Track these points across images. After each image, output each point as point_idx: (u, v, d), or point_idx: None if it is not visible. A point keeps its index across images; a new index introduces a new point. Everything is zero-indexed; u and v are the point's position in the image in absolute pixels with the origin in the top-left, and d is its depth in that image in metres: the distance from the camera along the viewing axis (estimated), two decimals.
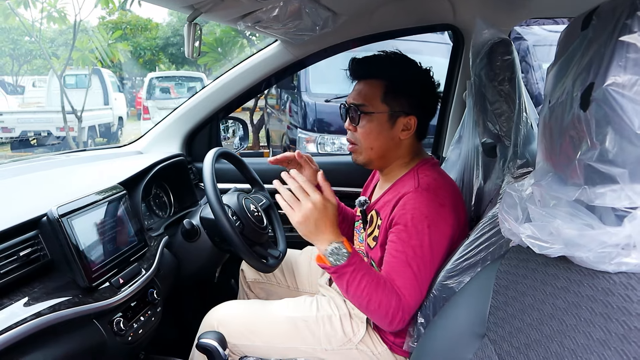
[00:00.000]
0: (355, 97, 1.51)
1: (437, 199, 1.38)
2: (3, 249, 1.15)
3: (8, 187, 1.57)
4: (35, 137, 12.01)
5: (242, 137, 2.53)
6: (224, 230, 1.54)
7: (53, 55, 15.24)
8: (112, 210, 1.44)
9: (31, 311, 1.09)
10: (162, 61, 22.38)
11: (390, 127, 1.48)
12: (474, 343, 0.92)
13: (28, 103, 15.87)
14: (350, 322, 1.53)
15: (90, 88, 11.91)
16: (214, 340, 1.38)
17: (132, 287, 1.37)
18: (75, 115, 10.84)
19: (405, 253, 1.36)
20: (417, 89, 1.49)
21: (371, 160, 1.54)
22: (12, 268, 1.15)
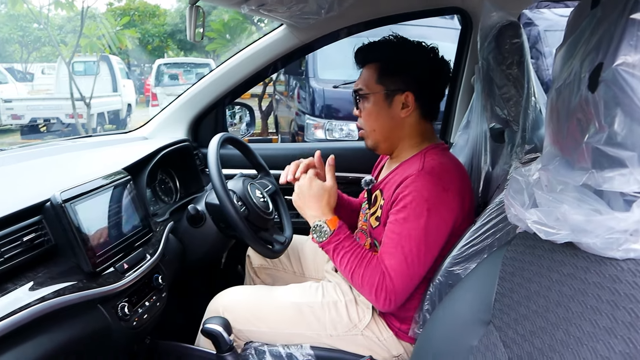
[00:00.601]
0: (357, 83, 1.57)
1: (440, 183, 1.37)
2: (7, 234, 1.15)
3: (13, 173, 1.57)
4: (45, 124, 12.10)
5: (248, 123, 2.52)
6: (228, 215, 1.54)
7: (61, 42, 15.26)
8: (117, 195, 1.44)
9: (35, 296, 1.09)
10: (170, 48, 22.38)
11: (388, 106, 1.50)
12: (479, 330, 0.91)
13: (37, 90, 15.94)
14: (356, 308, 1.53)
15: (98, 75, 11.97)
16: (219, 325, 1.39)
17: (136, 272, 1.37)
18: (84, 102, 10.90)
19: (400, 234, 1.36)
20: (409, 65, 1.50)
21: (378, 142, 1.56)
22: (16, 253, 1.15)
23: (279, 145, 3.51)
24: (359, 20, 2.01)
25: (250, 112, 2.53)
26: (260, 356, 1.52)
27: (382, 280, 1.36)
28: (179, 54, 21.90)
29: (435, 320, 1.14)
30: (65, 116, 11.80)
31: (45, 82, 16.31)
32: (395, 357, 1.51)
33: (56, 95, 12.68)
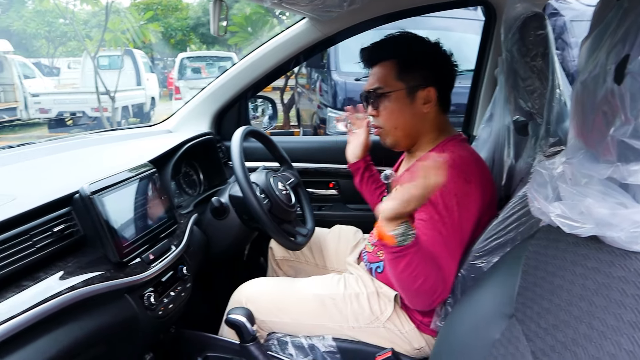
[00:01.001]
0: (371, 83, 1.55)
1: (462, 175, 1.36)
2: (38, 224, 1.18)
3: (43, 165, 1.61)
4: (71, 118, 12.31)
5: (271, 115, 2.53)
6: (252, 208, 1.56)
7: (87, 37, 15.46)
8: (143, 187, 1.47)
9: (66, 285, 1.13)
10: (193, 41, 22.51)
11: (410, 103, 1.49)
12: (502, 323, 0.91)
13: (63, 84, 16.23)
14: (378, 301, 1.53)
15: (122, 69, 12.12)
16: (242, 316, 1.41)
17: (162, 262, 1.40)
18: (108, 95, 11.06)
19: (439, 230, 1.34)
20: (429, 60, 1.50)
21: (398, 140, 1.56)
22: (47, 243, 1.19)
23: (301, 138, 3.53)
24: (382, 12, 2.00)
25: (272, 105, 2.55)
26: (283, 347, 1.54)
27: (442, 280, 1.30)
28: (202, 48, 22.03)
29: (458, 313, 1.14)
30: (90, 110, 12.00)
31: (71, 77, 16.59)
32: (416, 350, 1.52)
33: (82, 89, 12.91)
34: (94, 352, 1.22)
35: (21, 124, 13.00)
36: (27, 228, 1.16)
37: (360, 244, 1.86)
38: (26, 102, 13.06)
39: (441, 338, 1.16)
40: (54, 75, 18.29)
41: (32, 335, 1.03)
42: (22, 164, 1.60)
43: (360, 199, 2.20)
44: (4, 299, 1.03)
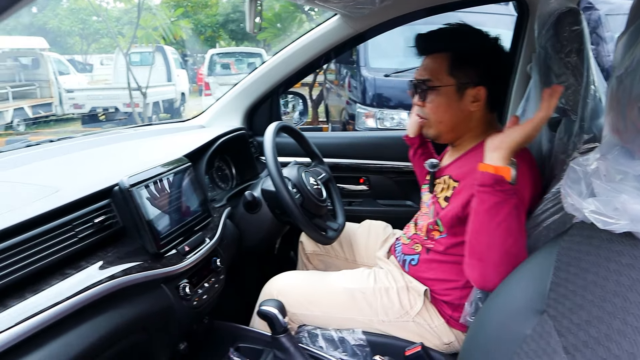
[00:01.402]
0: (422, 73, 1.51)
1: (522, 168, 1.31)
2: (81, 215, 1.23)
3: (82, 159, 1.67)
4: (104, 113, 12.56)
5: (301, 111, 2.56)
6: (284, 202, 1.58)
7: (119, 34, 15.73)
8: (178, 181, 1.50)
9: (106, 274, 1.17)
10: (222, 37, 22.66)
11: (458, 99, 1.46)
12: (533, 319, 0.91)
13: (96, 80, 16.53)
14: (408, 295, 1.54)
15: (154, 65, 12.29)
16: (274, 308, 1.44)
17: (197, 254, 1.44)
18: (140, 91, 11.24)
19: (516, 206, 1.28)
20: (483, 58, 1.46)
21: (441, 133, 1.54)
22: (89, 233, 1.23)
23: (331, 134, 3.54)
24: (414, 8, 2.00)
25: (303, 101, 2.57)
26: (313, 339, 1.57)
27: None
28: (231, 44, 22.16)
29: (488, 308, 1.14)
30: (122, 105, 12.23)
31: (103, 73, 16.89)
32: (446, 345, 1.52)
33: (114, 85, 13.15)
34: (132, 339, 1.26)
35: (56, 119, 13.31)
36: (70, 219, 1.20)
37: (390, 239, 1.87)
38: (61, 97, 13.38)
39: (472, 333, 1.17)
40: (87, 71, 18.64)
41: (74, 321, 1.08)
42: (63, 158, 1.66)
43: (390, 194, 2.22)
44: (49, 286, 1.08)
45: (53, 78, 13.59)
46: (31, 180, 1.41)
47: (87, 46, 25.64)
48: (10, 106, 12.33)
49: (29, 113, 12.81)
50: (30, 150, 1.73)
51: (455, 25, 1.50)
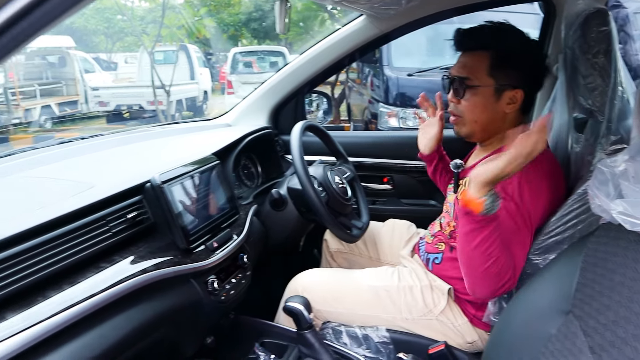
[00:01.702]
0: (460, 70, 1.49)
1: (537, 172, 1.34)
2: (114, 210, 1.27)
3: (114, 156, 1.71)
4: (128, 111, 12.73)
5: (326, 110, 2.58)
6: (310, 200, 1.60)
7: (143, 33, 15.92)
8: (207, 179, 1.54)
9: (138, 268, 1.21)
10: (244, 36, 22.76)
11: (495, 101, 1.45)
12: (558, 319, 0.92)
13: (121, 78, 16.74)
14: (431, 294, 1.55)
15: (177, 64, 12.41)
16: (300, 304, 1.46)
17: (224, 250, 1.47)
18: (164, 89, 11.36)
19: (514, 219, 1.34)
20: (524, 60, 1.44)
21: (474, 132, 1.53)
22: (122, 228, 1.27)
23: (355, 133, 3.55)
24: (440, 9, 2.01)
25: (327, 100, 2.59)
26: (338, 336, 1.59)
27: (513, 268, 1.31)
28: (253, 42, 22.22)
29: (512, 308, 1.15)
30: (146, 103, 12.38)
31: (127, 71, 17.10)
32: (469, 344, 1.53)
33: (138, 83, 13.31)
34: (162, 332, 1.30)
35: (81, 117, 13.54)
36: (104, 214, 1.24)
37: (414, 238, 1.88)
38: (86, 95, 13.59)
39: (496, 332, 1.18)
40: (111, 69, 18.87)
41: (108, 314, 1.11)
42: (95, 155, 1.70)
43: (414, 194, 2.22)
44: (85, 279, 1.12)
45: (79, 76, 13.81)
46: (66, 176, 1.46)
47: (112, 45, 25.97)
48: (37, 103, 12.56)
49: (55, 110, 13.04)
50: (63, 147, 1.78)
51: (497, 23, 1.47)
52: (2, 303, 0.98)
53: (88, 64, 15.23)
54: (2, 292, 0.98)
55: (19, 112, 11.93)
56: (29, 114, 12.19)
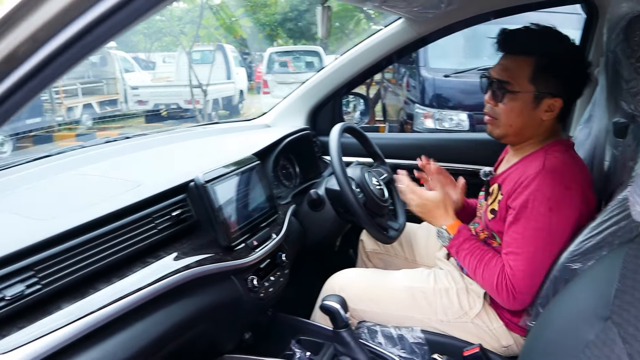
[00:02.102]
0: (501, 73, 1.46)
1: (562, 182, 1.35)
2: (160, 208, 1.32)
3: (158, 155, 1.78)
4: (166, 110, 12.96)
5: (362, 112, 2.59)
6: (348, 201, 1.62)
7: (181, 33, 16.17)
8: (247, 178, 1.58)
9: (182, 264, 1.26)
10: (280, 36, 22.90)
11: (533, 108, 1.43)
12: (596, 325, 0.91)
13: (159, 78, 17.01)
14: (467, 297, 1.56)
15: (214, 63, 12.57)
16: (336, 303, 1.48)
17: (264, 249, 1.51)
18: (201, 89, 11.52)
19: (523, 235, 1.36)
20: (567, 69, 1.42)
21: (507, 135, 1.51)
22: (167, 226, 1.33)
23: (393, 135, 3.55)
24: (479, 12, 2.00)
25: (364, 101, 2.60)
26: (373, 335, 1.61)
27: (501, 279, 1.39)
28: (288, 42, 22.33)
29: (550, 313, 1.15)
30: (184, 102, 12.58)
31: (165, 70, 17.36)
32: (504, 348, 1.53)
33: (176, 82, 13.53)
34: (203, 327, 1.34)
35: (121, 115, 13.85)
36: (150, 211, 1.30)
37: None
38: (126, 94, 13.90)
39: (532, 337, 1.18)
40: (150, 69, 19.21)
41: (153, 307, 1.17)
42: (140, 153, 1.77)
43: None
44: (132, 273, 1.17)
45: (119, 75, 14.13)
46: (114, 174, 1.52)
47: (151, 44, 26.47)
48: (79, 102, 12.90)
49: (96, 109, 13.37)
50: (109, 146, 1.85)
51: (543, 27, 1.44)
52: (57, 294, 1.04)
53: (128, 64, 15.56)
54: (58, 283, 1.04)
55: (62, 110, 12.29)
56: (72, 113, 12.52)
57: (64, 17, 0.63)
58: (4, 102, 0.67)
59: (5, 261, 0.98)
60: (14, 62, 0.65)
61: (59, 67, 0.66)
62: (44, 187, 1.43)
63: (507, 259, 1.39)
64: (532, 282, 1.37)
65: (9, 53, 0.65)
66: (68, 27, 0.63)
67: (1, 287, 0.95)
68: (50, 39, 0.64)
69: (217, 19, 12.24)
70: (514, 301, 1.39)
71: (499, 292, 1.40)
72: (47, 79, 0.67)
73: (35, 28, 0.64)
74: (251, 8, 20.51)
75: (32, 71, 0.66)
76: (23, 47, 0.65)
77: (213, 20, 12.28)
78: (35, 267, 1.01)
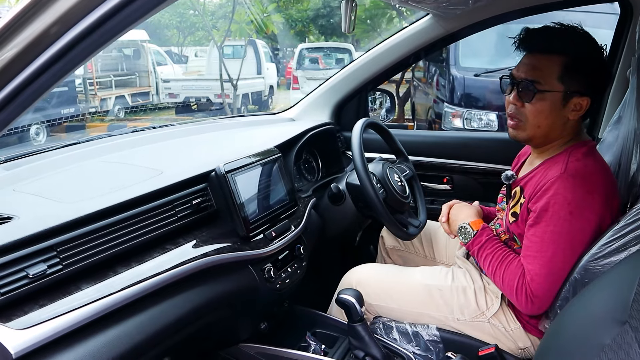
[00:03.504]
0: (528, 72, 1.41)
1: (584, 185, 1.32)
2: (181, 196, 1.35)
3: (182, 145, 1.81)
4: (196, 103, 13.12)
5: (388, 108, 2.58)
6: (368, 196, 1.62)
7: (214, 27, 16.37)
8: (268, 170, 1.60)
9: (201, 251, 1.28)
10: (311, 32, 22.94)
11: (561, 107, 1.39)
12: (614, 329, 0.90)
13: (190, 72, 17.24)
14: (485, 296, 1.54)
15: (245, 58, 12.67)
16: (352, 297, 1.48)
17: (282, 240, 1.53)
18: (231, 83, 11.65)
19: (542, 238, 1.34)
20: (595, 67, 1.39)
21: (534, 137, 1.47)
22: (187, 214, 1.35)
23: (417, 132, 3.54)
24: (507, 10, 1.97)
25: (390, 98, 2.59)
26: (388, 331, 1.61)
27: (521, 283, 1.37)
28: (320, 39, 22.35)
29: (567, 315, 1.14)
30: (214, 96, 12.71)
31: (197, 64, 17.58)
32: (521, 350, 1.51)
33: (207, 76, 13.69)
34: (218, 314, 1.37)
35: (152, 107, 14.08)
36: (171, 199, 1.33)
37: None
38: (157, 87, 14.13)
39: (547, 338, 1.16)
40: (182, 63, 19.46)
41: (171, 292, 1.20)
42: (165, 143, 1.80)
43: (473, 195, 2.20)
44: (152, 258, 1.20)
45: (151, 68, 14.36)
46: (138, 162, 1.55)
47: (184, 39, 26.81)
48: (112, 94, 13.17)
49: (128, 101, 13.64)
50: (136, 135, 1.89)
51: (570, 26, 1.40)
52: (78, 275, 1.07)
53: (160, 57, 15.80)
54: (79, 264, 1.07)
55: (95, 101, 12.57)
56: (104, 104, 12.80)
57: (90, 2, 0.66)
58: (34, 81, 0.70)
59: (29, 241, 1.02)
60: (45, 42, 0.68)
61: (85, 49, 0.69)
62: (70, 173, 1.47)
63: (526, 263, 1.38)
64: (550, 286, 1.36)
65: (40, 33, 0.68)
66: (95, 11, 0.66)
67: (24, 266, 0.99)
68: (79, 22, 0.67)
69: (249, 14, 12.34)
70: (532, 306, 1.37)
71: (517, 296, 1.38)
72: (75, 61, 0.70)
73: (65, 10, 0.66)
74: (283, 4, 20.60)
75: (61, 51, 0.68)
76: (54, 29, 0.67)
77: (245, 15, 12.38)
78: (57, 248, 1.05)
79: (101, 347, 1.01)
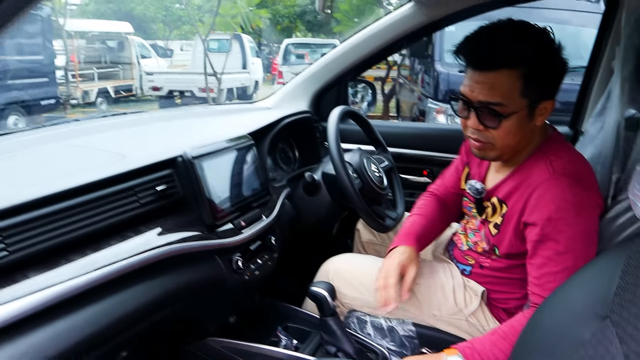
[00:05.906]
0: (487, 94, 1.23)
1: (580, 183, 1.24)
2: (144, 182, 1.28)
3: (151, 131, 1.74)
4: (180, 96, 13.07)
5: (369, 101, 2.53)
6: (343, 186, 1.57)
7: (199, 21, 16.26)
8: (240, 158, 1.53)
9: (164, 240, 1.22)
10: (299, 29, 22.94)
11: (529, 120, 1.26)
12: (593, 323, 0.86)
13: (175, 65, 17.18)
14: (464, 294, 1.49)
15: (230, 52, 12.62)
16: (324, 290, 1.43)
17: (252, 230, 1.47)
18: (215, 77, 11.58)
19: (557, 251, 1.23)
20: (557, 68, 1.25)
21: (504, 155, 1.35)
22: (150, 200, 1.28)
23: (398, 124, 3.51)
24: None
25: (372, 90, 2.54)
26: (362, 325, 1.55)
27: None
28: (307, 35, 22.37)
29: (545, 310, 1.10)
30: (198, 90, 12.67)
31: (182, 58, 17.56)
32: None
33: (191, 70, 13.63)
34: (182, 305, 1.31)
35: (135, 100, 13.98)
36: (133, 184, 1.26)
37: (450, 234, 1.81)
38: (141, 80, 14.07)
39: (526, 332, 1.12)
40: (167, 56, 19.36)
41: (130, 282, 1.13)
42: (134, 129, 1.73)
43: None
44: (109, 246, 1.13)
45: (135, 61, 14.31)
46: (103, 146, 1.48)
47: (169, 32, 26.68)
48: (95, 86, 13.07)
49: (111, 93, 13.53)
50: (105, 120, 1.82)
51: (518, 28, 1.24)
52: (26, 262, 1.00)
53: (145, 50, 15.72)
54: (26, 251, 1.00)
55: (77, 93, 12.44)
56: (87, 96, 12.67)
57: None
58: None
59: None
60: None
61: None
62: (29, 156, 1.39)
63: (546, 281, 1.24)
64: None
65: None
66: None
67: None
68: None
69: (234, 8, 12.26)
70: None
71: None
72: None
73: None
74: None
75: None
76: None
77: (231, 9, 12.30)
78: (3, 233, 0.97)
79: (47, 340, 0.94)
